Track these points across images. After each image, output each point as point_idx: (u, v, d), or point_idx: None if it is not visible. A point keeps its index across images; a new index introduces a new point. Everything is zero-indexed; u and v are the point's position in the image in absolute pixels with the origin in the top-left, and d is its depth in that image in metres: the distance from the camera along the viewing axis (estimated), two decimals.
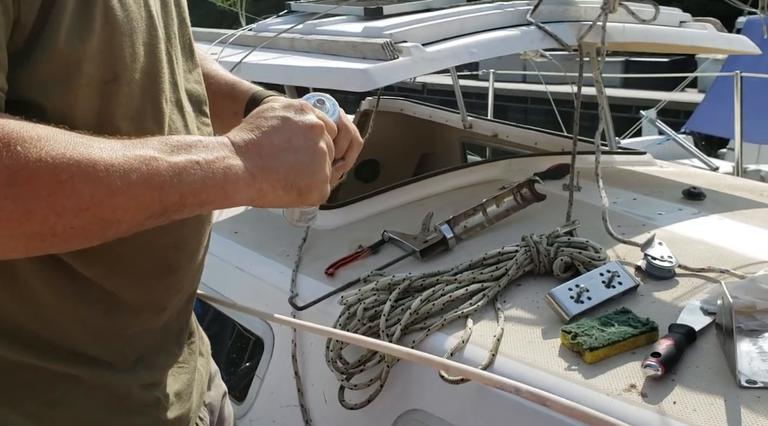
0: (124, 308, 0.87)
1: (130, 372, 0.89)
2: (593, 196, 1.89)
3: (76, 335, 0.83)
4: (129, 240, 0.81)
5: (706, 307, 1.35)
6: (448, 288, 1.52)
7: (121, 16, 0.78)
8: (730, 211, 1.93)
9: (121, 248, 0.83)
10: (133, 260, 0.86)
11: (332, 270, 1.74)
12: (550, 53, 2.84)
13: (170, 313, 0.95)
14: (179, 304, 0.98)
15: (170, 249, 0.91)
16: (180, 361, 0.99)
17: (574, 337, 1.28)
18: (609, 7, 1.99)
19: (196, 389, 1.03)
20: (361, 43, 1.90)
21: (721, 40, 2.39)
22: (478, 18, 2.05)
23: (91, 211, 0.67)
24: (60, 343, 0.82)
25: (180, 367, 0.99)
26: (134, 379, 0.90)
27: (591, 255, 1.55)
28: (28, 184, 0.64)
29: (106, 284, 0.84)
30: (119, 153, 0.70)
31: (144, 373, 0.91)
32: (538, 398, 0.66)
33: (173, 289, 0.94)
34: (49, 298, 0.80)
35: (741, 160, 4.52)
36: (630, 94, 13.33)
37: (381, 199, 2.13)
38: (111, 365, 0.87)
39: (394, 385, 1.45)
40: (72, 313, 0.82)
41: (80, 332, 0.84)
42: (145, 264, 0.88)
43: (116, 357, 0.88)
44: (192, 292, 1.02)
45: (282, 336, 1.73)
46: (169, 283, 0.93)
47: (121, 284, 0.86)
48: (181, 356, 1.00)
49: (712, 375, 1.18)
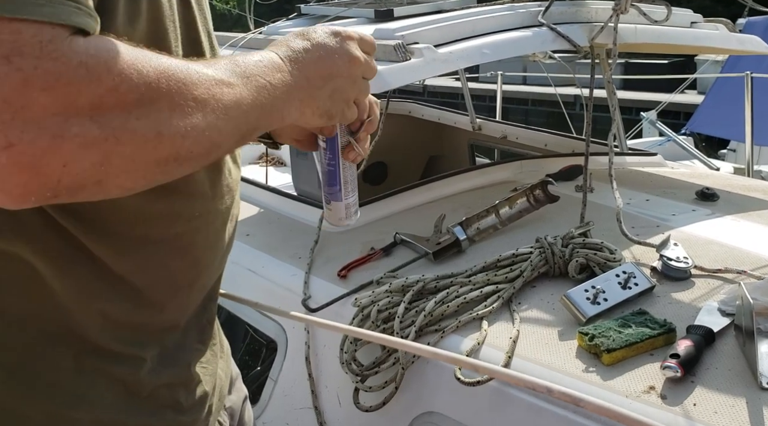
0: (150, 305, 0.87)
1: (151, 371, 0.88)
2: (606, 197, 1.88)
3: (98, 331, 0.83)
4: (160, 236, 0.81)
5: (724, 308, 1.34)
6: (462, 290, 1.51)
7: (164, 1, 0.79)
8: (745, 212, 1.92)
9: (152, 245, 0.83)
10: (164, 258, 0.86)
11: (345, 272, 1.74)
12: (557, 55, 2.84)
13: (193, 312, 0.95)
14: (203, 303, 0.97)
15: (200, 247, 0.90)
16: (202, 361, 0.99)
17: (591, 338, 1.27)
18: (621, 7, 1.98)
19: (217, 392, 1.02)
20: None
21: (733, 40, 2.38)
22: (489, 19, 2.05)
23: (206, 133, 0.68)
24: (82, 338, 0.82)
25: (203, 368, 0.98)
26: (156, 378, 0.89)
27: (606, 256, 1.54)
28: (154, 104, 0.63)
29: (135, 281, 0.84)
30: (212, 78, 0.70)
31: (165, 372, 0.90)
32: (572, 399, 0.65)
33: (198, 287, 0.94)
34: (74, 294, 0.79)
35: (752, 162, 4.50)
36: (630, 96, 13.30)
37: (392, 201, 2.12)
38: (133, 363, 0.86)
39: (409, 387, 1.44)
40: (97, 308, 0.82)
41: (103, 328, 0.83)
42: (175, 262, 0.88)
43: (138, 355, 0.87)
44: (214, 291, 1.02)
45: (295, 338, 1.72)
46: (195, 281, 0.93)
47: (149, 281, 0.85)
48: (204, 357, 1.00)
49: (732, 377, 1.17)
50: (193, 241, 0.89)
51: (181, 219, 0.86)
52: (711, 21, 2.46)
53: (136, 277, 0.83)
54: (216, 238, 0.94)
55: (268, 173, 3.09)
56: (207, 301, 0.99)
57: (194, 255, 0.90)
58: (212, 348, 1.03)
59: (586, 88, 2.02)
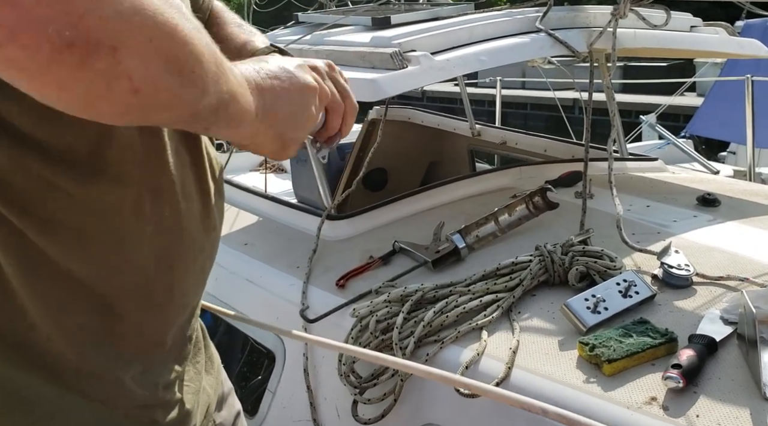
0: (122, 322, 0.84)
1: (130, 390, 0.87)
2: (606, 203, 1.87)
3: (73, 348, 0.81)
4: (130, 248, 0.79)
5: (726, 317, 1.32)
6: (461, 299, 1.49)
7: None
8: (747, 218, 1.90)
9: (121, 258, 0.81)
10: (133, 275, 0.84)
11: (343, 281, 1.72)
12: (556, 60, 2.82)
13: (171, 329, 0.93)
14: (181, 320, 0.95)
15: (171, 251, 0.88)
16: (184, 379, 0.97)
17: (591, 348, 1.26)
18: (619, 12, 1.97)
19: (200, 410, 1.00)
20: (370, 53, 1.88)
21: (733, 44, 2.37)
22: (486, 26, 2.04)
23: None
24: (56, 356, 0.80)
25: (185, 386, 0.96)
26: (134, 398, 0.87)
27: (607, 264, 1.53)
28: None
29: (104, 297, 0.82)
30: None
31: (144, 392, 0.89)
32: (567, 420, 0.64)
33: (178, 296, 0.91)
34: (43, 309, 0.78)
35: (753, 165, 4.47)
36: (630, 99, 13.30)
37: (391, 208, 2.11)
38: (111, 382, 0.85)
39: (408, 399, 1.43)
40: (67, 324, 0.80)
41: (77, 345, 0.81)
42: (145, 279, 0.85)
43: (116, 374, 0.85)
44: (194, 308, 0.99)
45: (293, 349, 1.71)
46: (174, 291, 0.90)
47: (119, 297, 0.83)
48: (186, 375, 0.97)
49: (735, 387, 1.15)
50: (166, 242, 0.86)
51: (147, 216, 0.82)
52: (711, 25, 2.45)
53: (104, 292, 0.81)
54: (192, 243, 0.91)
55: (269, 180, 3.09)
56: (186, 317, 0.97)
57: (168, 259, 0.87)
58: (196, 365, 1.00)
59: (586, 92, 2.01)
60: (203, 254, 0.94)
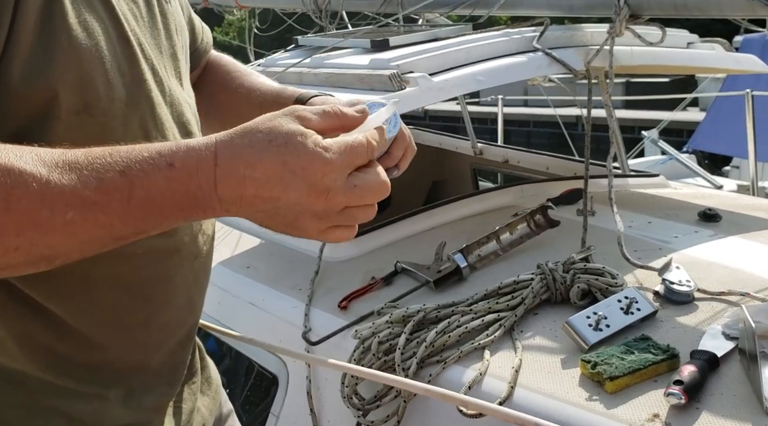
0: (104, 347, 0.84)
1: (114, 411, 0.86)
2: (607, 220, 1.87)
3: (49, 369, 0.81)
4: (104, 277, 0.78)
5: (728, 332, 1.32)
6: (463, 319, 1.49)
7: (86, 43, 0.74)
8: (748, 233, 1.90)
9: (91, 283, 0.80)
10: (108, 299, 0.83)
11: (345, 303, 1.72)
12: (556, 77, 2.84)
13: (163, 351, 0.92)
14: (170, 344, 0.94)
15: (152, 284, 0.87)
16: (175, 401, 0.96)
17: (593, 366, 1.26)
18: (615, 30, 1.99)
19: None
20: (369, 75, 1.90)
21: (730, 60, 2.38)
22: (484, 46, 2.06)
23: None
24: (32, 376, 0.80)
25: (176, 408, 0.96)
26: (118, 419, 0.87)
27: (608, 281, 1.53)
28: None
29: (80, 323, 0.81)
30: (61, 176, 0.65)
31: (130, 412, 0.88)
32: None
33: (158, 326, 0.90)
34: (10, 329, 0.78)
35: (756, 179, 4.47)
36: (632, 115, 13.34)
37: (393, 228, 2.11)
38: (93, 402, 0.84)
39: (411, 420, 1.42)
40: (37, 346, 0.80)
41: (52, 366, 0.81)
42: (120, 301, 0.85)
43: (99, 394, 0.85)
44: (188, 331, 0.98)
45: (296, 372, 1.70)
46: (152, 319, 0.89)
47: (91, 330, 0.83)
48: (176, 396, 0.97)
49: (737, 402, 1.15)
50: (141, 278, 0.85)
51: (120, 257, 0.79)
52: (707, 41, 2.47)
53: (73, 317, 0.81)
54: (173, 275, 0.90)
55: None
56: (178, 341, 0.95)
57: (145, 293, 0.87)
58: (191, 387, 1.00)
59: (586, 109, 2.02)
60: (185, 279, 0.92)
